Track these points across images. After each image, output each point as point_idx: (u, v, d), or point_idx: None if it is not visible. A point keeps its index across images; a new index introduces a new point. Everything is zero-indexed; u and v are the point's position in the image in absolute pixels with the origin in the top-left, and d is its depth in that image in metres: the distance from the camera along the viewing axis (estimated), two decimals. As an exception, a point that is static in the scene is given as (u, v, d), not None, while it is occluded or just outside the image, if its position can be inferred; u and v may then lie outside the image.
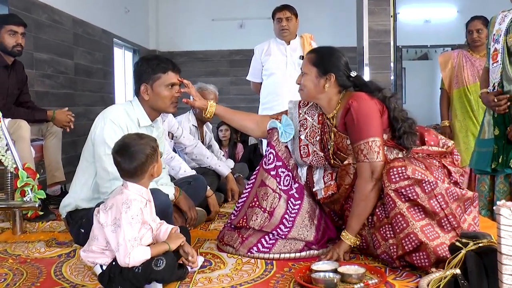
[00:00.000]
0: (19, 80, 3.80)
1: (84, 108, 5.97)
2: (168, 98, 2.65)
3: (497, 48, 2.94)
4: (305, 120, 2.65)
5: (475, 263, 1.79)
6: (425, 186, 2.20)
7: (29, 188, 3.00)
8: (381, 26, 5.83)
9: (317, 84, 2.49)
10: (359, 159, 2.35)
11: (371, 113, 2.36)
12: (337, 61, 2.50)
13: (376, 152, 2.31)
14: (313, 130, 2.62)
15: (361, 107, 2.36)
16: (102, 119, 2.58)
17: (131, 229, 1.98)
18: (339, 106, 2.49)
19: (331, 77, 2.47)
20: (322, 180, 2.60)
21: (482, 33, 4.21)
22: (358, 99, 2.39)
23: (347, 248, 2.39)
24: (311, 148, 2.60)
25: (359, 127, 2.34)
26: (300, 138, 2.63)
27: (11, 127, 3.31)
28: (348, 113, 2.38)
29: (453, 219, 2.21)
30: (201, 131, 4.24)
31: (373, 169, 2.30)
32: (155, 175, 2.13)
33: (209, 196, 3.34)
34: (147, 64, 2.64)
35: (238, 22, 8.92)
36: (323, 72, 2.48)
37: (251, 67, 4.44)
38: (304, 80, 2.53)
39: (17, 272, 2.32)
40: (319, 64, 2.49)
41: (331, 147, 2.55)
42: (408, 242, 2.17)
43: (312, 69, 2.50)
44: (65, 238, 2.89)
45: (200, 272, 2.27)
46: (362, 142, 2.33)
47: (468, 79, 4.25)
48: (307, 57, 2.57)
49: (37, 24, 5.03)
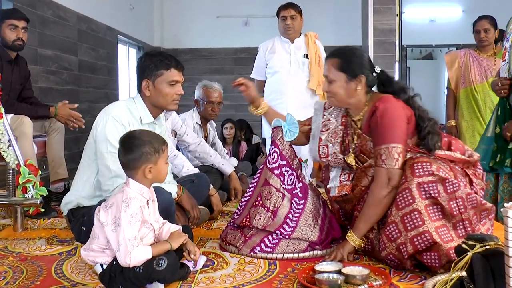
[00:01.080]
0: (22, 76, 3.79)
1: (88, 105, 5.96)
2: (169, 95, 2.62)
3: (506, 47, 2.95)
4: (328, 121, 2.60)
5: (481, 266, 1.76)
6: (447, 186, 2.16)
7: (31, 184, 2.98)
8: (386, 25, 5.81)
9: (348, 89, 2.41)
10: (377, 163, 2.31)
11: (397, 118, 2.31)
12: (362, 61, 2.43)
13: (395, 159, 2.25)
14: (336, 131, 2.57)
15: (387, 110, 2.30)
16: (104, 116, 2.56)
17: (131, 228, 1.95)
18: (366, 108, 2.44)
19: (362, 79, 2.40)
20: (338, 178, 2.56)
21: (489, 32, 4.18)
22: (385, 102, 2.33)
23: (351, 249, 2.36)
24: (331, 149, 2.56)
25: (383, 131, 2.29)
26: (320, 138, 2.59)
27: (13, 123, 3.29)
28: (374, 115, 2.34)
29: (469, 225, 2.17)
30: (204, 129, 4.22)
31: (390, 176, 2.26)
32: (149, 177, 2.06)
33: (212, 194, 3.32)
34: (150, 60, 2.62)
35: (243, 20, 8.90)
36: (353, 75, 2.40)
37: (255, 65, 4.42)
38: (333, 88, 2.43)
39: (17, 270, 2.30)
40: (346, 68, 2.40)
41: (352, 149, 2.50)
42: (420, 240, 2.13)
43: (340, 75, 2.41)
44: (66, 235, 2.87)
45: (203, 272, 2.25)
46: (383, 146, 2.28)
47: (475, 79, 4.22)
48: (330, 63, 2.46)
49: (42, 20, 5.02)
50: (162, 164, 2.09)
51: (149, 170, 2.05)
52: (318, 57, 4.22)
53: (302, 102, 4.14)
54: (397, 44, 5.89)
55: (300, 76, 4.17)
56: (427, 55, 11.92)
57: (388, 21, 5.83)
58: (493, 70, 4.08)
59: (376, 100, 2.38)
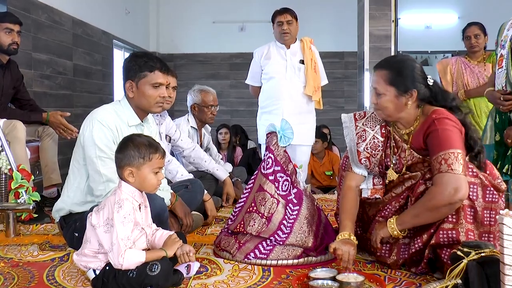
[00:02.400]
0: (14, 80, 3.76)
1: (82, 110, 5.93)
2: (152, 97, 2.59)
3: (503, 54, 2.95)
4: (364, 132, 2.46)
5: (476, 273, 1.76)
6: (487, 193, 2.14)
7: (24, 190, 2.95)
8: (382, 31, 5.83)
9: (398, 104, 2.29)
10: (441, 169, 2.12)
11: (455, 127, 2.20)
12: (414, 73, 2.30)
13: (461, 165, 2.11)
14: (375, 142, 2.43)
15: (445, 121, 2.20)
16: (90, 121, 2.53)
17: (124, 228, 1.96)
18: (418, 122, 2.33)
19: (413, 93, 2.28)
20: (371, 180, 2.46)
21: (479, 38, 4.22)
22: (441, 114, 2.23)
23: (387, 234, 2.26)
24: (372, 160, 2.43)
25: (445, 137, 2.16)
26: (358, 151, 2.45)
27: (6, 127, 3.27)
28: (431, 126, 2.22)
29: (493, 239, 2.15)
30: (200, 134, 4.20)
31: (458, 185, 2.08)
32: (131, 180, 2.05)
33: (206, 200, 3.31)
34: (135, 61, 2.59)
35: (239, 25, 8.90)
36: (404, 90, 2.27)
37: (250, 71, 4.41)
38: (382, 102, 2.31)
39: (8, 276, 2.28)
40: (397, 82, 2.28)
41: (392, 163, 2.41)
42: (445, 235, 2.11)
43: (390, 89, 2.28)
44: (59, 241, 2.85)
45: (196, 278, 2.23)
46: (447, 151, 2.13)
47: (468, 86, 4.23)
48: (379, 75, 2.33)
49: (36, 24, 5.00)
50: (146, 172, 2.06)
51: (131, 173, 2.04)
52: (314, 62, 4.22)
53: (297, 108, 4.14)
54: (392, 50, 5.91)
55: (295, 81, 4.16)
56: (423, 61, 11.91)
57: (384, 27, 5.85)
58: (485, 76, 4.09)
59: (429, 112, 2.28)
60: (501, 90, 2.96)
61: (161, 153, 2.10)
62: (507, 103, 2.90)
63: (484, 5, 8.25)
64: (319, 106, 4.30)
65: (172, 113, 6.63)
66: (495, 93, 3.01)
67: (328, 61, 6.45)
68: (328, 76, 4.46)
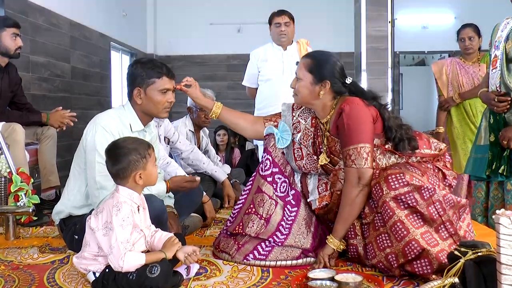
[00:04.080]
0: (13, 83, 3.77)
1: (80, 112, 5.92)
2: (161, 103, 2.61)
3: (497, 55, 2.96)
4: (298, 123, 2.62)
5: (474, 273, 1.77)
6: (424, 193, 2.18)
7: (23, 193, 2.97)
8: (378, 31, 5.83)
9: (312, 91, 2.47)
10: (347, 164, 2.33)
11: (363, 118, 2.34)
12: (332, 68, 2.47)
13: (364, 159, 2.29)
14: (306, 133, 2.59)
15: (353, 111, 2.34)
16: (94, 125, 2.54)
17: (123, 231, 1.97)
18: (333, 111, 2.48)
19: (326, 85, 2.45)
20: (316, 190, 2.56)
21: (473, 40, 4.26)
22: (351, 103, 2.37)
23: (330, 251, 2.38)
24: (304, 151, 2.58)
25: (350, 132, 2.33)
26: (293, 141, 2.60)
27: (5, 130, 3.28)
28: (340, 117, 2.37)
29: (450, 226, 2.20)
30: (197, 136, 4.22)
31: (360, 175, 2.29)
32: (141, 183, 2.08)
33: (205, 202, 3.32)
34: (141, 68, 2.61)
35: (236, 27, 8.91)
36: (319, 79, 2.45)
37: (246, 73, 4.42)
38: (299, 86, 2.50)
39: (8, 279, 2.28)
40: (315, 70, 2.46)
41: (324, 150, 2.53)
42: (410, 250, 2.14)
43: (307, 75, 2.47)
44: (59, 243, 2.85)
45: (196, 280, 2.25)
46: (351, 147, 2.31)
47: (463, 87, 4.26)
48: (302, 62, 2.53)
49: (34, 27, 5.01)
50: (151, 168, 2.11)
51: (140, 176, 2.07)
52: (311, 64, 4.22)
53: (295, 109, 4.15)
54: (389, 50, 5.91)
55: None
56: (420, 61, 11.97)
57: (381, 28, 5.85)
58: (480, 76, 4.12)
59: (342, 102, 2.42)
60: (495, 91, 2.98)
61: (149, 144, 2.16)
62: (502, 104, 2.92)
63: (480, 5, 8.27)
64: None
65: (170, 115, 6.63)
66: (489, 94, 3.02)
67: (325, 62, 6.45)
68: (326, 77, 4.46)
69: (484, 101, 3.13)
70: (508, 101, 2.90)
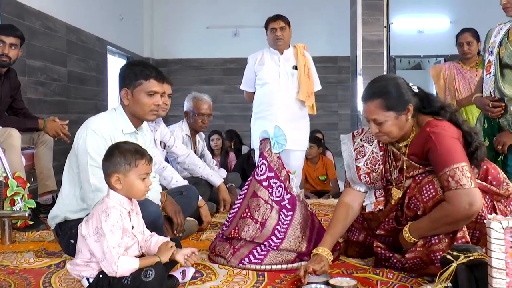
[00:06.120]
0: (12, 88, 3.77)
1: (77, 116, 5.95)
2: (147, 105, 2.60)
3: (490, 60, 2.98)
4: (362, 147, 2.50)
5: (466, 277, 1.79)
6: None
7: (19, 197, 2.97)
8: (374, 36, 5.86)
9: (400, 124, 2.32)
10: (450, 186, 2.15)
11: (453, 139, 2.23)
12: (402, 89, 2.33)
13: (469, 178, 2.13)
14: (374, 157, 2.47)
15: (441, 134, 2.23)
16: (85, 129, 2.54)
17: (114, 236, 1.97)
18: (414, 133, 2.37)
19: (410, 107, 2.31)
20: (373, 195, 2.48)
21: (472, 45, 4.27)
22: (436, 127, 2.26)
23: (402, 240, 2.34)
24: (373, 175, 2.45)
25: (445, 153, 2.19)
26: (357, 167, 2.47)
27: (1, 135, 3.29)
28: (428, 141, 2.25)
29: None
30: (194, 141, 4.23)
31: (470, 199, 2.11)
32: (118, 187, 2.05)
33: (201, 206, 3.33)
34: (130, 69, 2.62)
35: (233, 30, 8.95)
36: (402, 109, 2.30)
37: (244, 77, 4.44)
38: (385, 128, 2.32)
39: (4, 284, 2.29)
40: (393, 105, 2.30)
41: (394, 177, 2.43)
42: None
43: (389, 114, 2.30)
44: (55, 248, 2.86)
45: (191, 284, 2.26)
46: (453, 167, 2.15)
47: (460, 92, 4.28)
48: (373, 106, 2.32)
49: (31, 31, 5.01)
50: (133, 178, 2.06)
51: (118, 180, 2.05)
52: (307, 68, 4.25)
53: (291, 114, 4.17)
54: (385, 54, 5.94)
55: (289, 87, 4.19)
56: (416, 65, 12.03)
57: (377, 32, 5.88)
58: (477, 81, 4.14)
59: (423, 124, 2.33)
60: (490, 96, 3.00)
61: (148, 159, 2.11)
62: (496, 109, 2.93)
63: (476, 9, 8.33)
64: (313, 111, 4.33)
65: (167, 119, 6.65)
66: (483, 100, 3.04)
67: (322, 66, 6.49)
68: (322, 81, 4.49)
69: (479, 106, 3.15)
70: (502, 107, 2.92)
